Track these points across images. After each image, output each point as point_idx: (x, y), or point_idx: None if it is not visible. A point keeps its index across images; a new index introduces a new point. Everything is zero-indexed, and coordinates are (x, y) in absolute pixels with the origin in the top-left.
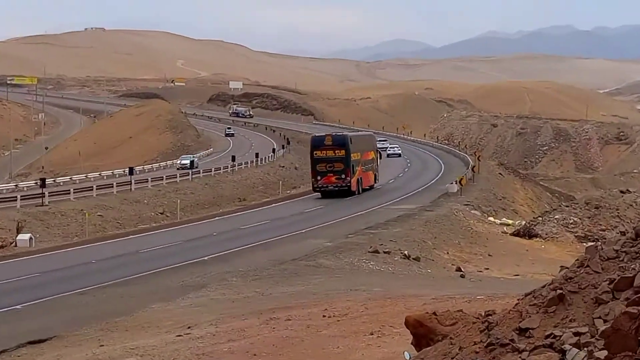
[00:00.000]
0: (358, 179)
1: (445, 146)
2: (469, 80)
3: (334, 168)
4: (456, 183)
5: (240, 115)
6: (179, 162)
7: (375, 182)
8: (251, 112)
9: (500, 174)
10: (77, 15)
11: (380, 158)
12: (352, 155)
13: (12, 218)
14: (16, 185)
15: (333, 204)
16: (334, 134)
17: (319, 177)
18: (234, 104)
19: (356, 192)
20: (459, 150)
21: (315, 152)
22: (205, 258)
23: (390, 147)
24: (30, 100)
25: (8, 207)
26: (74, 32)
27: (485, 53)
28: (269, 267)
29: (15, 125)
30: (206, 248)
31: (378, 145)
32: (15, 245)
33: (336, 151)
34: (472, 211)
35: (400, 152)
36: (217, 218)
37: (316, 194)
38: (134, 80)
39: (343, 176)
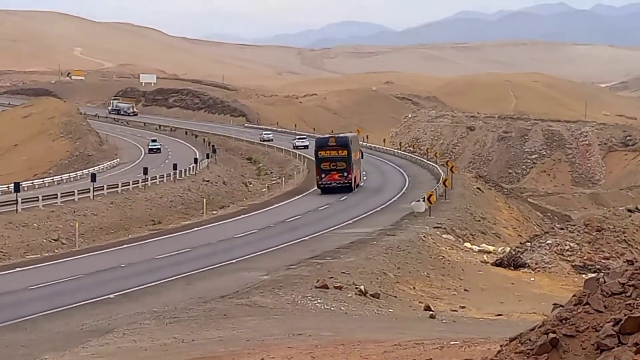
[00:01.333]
0: (354, 177)
1: (409, 154)
2: (438, 73)
3: (337, 167)
4: (424, 200)
5: (122, 112)
6: None
7: (360, 181)
8: (135, 109)
9: (478, 188)
10: None
11: (363, 157)
12: (352, 154)
13: None
14: None
15: (270, 229)
16: (336, 135)
17: (323, 175)
18: (114, 99)
19: (354, 189)
20: (427, 160)
21: (319, 152)
22: (111, 296)
23: (298, 138)
24: None
25: None
26: None
27: (458, 39)
28: (191, 307)
29: None
30: (112, 283)
31: (298, 144)
32: None
33: (339, 151)
34: (444, 235)
35: (307, 143)
36: (125, 246)
37: (247, 214)
38: (19, 73)
39: (345, 174)
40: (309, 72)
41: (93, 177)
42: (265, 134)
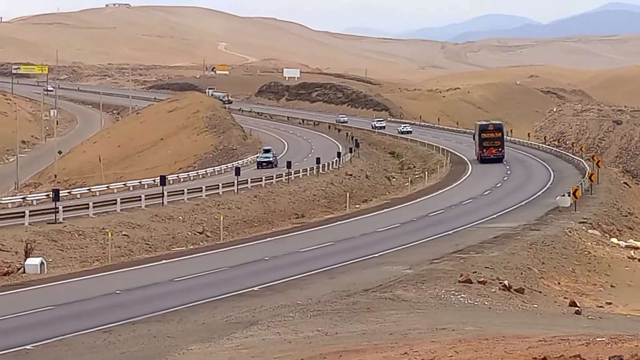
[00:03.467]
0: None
1: (554, 149)
2: (584, 66)
3: (494, 144)
4: (569, 195)
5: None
6: None
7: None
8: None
9: (625, 183)
10: None
11: None
12: (504, 136)
13: (20, 238)
14: (24, 198)
15: (413, 223)
16: (494, 122)
17: (484, 150)
18: (210, 88)
19: (504, 160)
20: (572, 154)
21: (482, 134)
22: (255, 288)
23: (403, 125)
24: (40, 93)
25: (14, 225)
26: (93, 10)
27: (605, 31)
28: (334, 300)
29: (23, 125)
30: (256, 276)
31: (376, 125)
32: (24, 272)
33: (495, 133)
34: (590, 231)
35: (411, 130)
36: (269, 239)
37: (390, 208)
38: (165, 69)
39: (500, 149)
40: (452, 66)
41: (237, 170)
42: (340, 116)
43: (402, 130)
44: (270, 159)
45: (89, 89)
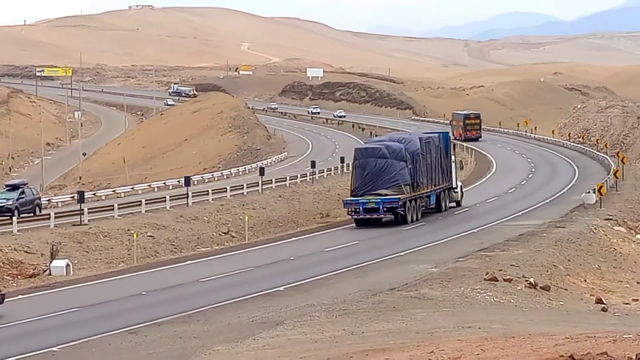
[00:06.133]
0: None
1: (579, 146)
2: (608, 62)
3: (475, 127)
4: (594, 192)
5: (184, 94)
6: None
7: None
8: (195, 92)
9: None
10: None
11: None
12: (481, 122)
13: (45, 240)
14: (49, 200)
15: (440, 221)
16: (474, 112)
17: (467, 132)
18: (175, 84)
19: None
20: (597, 151)
21: (466, 120)
22: (281, 288)
23: (339, 111)
24: (64, 95)
25: (40, 227)
26: (116, 12)
27: (628, 28)
28: (360, 300)
29: (47, 127)
30: (281, 276)
31: (312, 111)
32: (50, 274)
33: (475, 120)
34: (616, 227)
35: (345, 115)
36: (294, 238)
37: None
38: (189, 69)
39: (478, 131)
40: (476, 64)
41: (262, 170)
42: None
43: (337, 115)
44: (9, 205)
45: (113, 90)
